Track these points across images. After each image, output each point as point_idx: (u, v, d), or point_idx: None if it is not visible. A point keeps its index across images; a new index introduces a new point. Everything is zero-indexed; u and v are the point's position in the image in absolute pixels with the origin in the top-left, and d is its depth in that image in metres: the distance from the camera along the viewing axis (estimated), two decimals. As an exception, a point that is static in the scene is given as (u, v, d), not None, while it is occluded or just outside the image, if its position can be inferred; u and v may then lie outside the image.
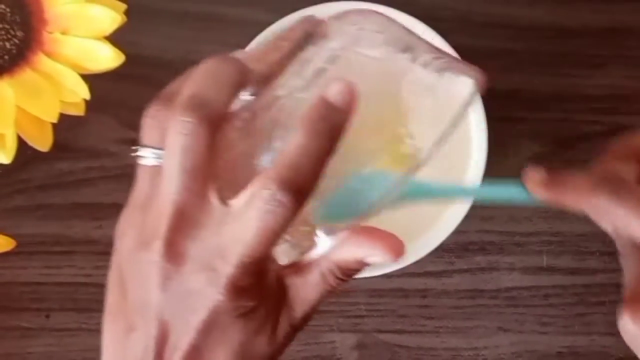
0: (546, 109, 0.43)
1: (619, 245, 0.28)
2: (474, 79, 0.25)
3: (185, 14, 0.43)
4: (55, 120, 0.38)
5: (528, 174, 0.28)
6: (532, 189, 0.28)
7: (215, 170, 0.24)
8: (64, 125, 0.38)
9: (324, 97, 0.24)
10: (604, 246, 0.42)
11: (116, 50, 0.38)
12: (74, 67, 0.38)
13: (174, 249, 0.24)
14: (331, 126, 0.24)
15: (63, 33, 0.38)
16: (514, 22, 0.43)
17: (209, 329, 0.24)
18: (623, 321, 0.26)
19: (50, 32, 0.38)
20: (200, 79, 0.25)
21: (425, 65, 0.25)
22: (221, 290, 0.24)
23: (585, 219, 0.42)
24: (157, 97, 0.26)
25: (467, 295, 0.43)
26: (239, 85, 0.25)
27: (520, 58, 0.43)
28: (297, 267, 0.26)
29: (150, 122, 0.25)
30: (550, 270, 0.42)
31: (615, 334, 0.41)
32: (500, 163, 0.42)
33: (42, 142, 0.39)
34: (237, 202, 0.24)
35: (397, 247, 0.26)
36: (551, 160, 0.43)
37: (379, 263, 0.26)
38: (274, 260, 0.25)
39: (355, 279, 0.41)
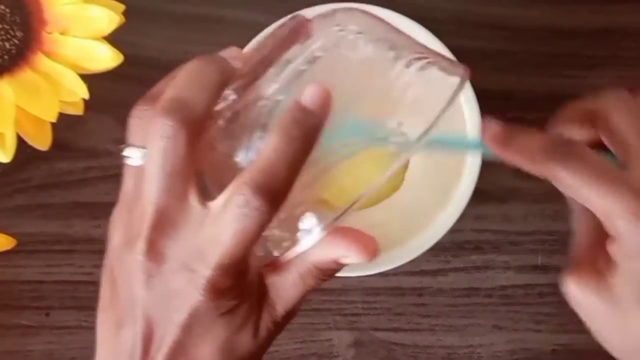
0: (542, 109, 0.43)
1: (571, 207, 0.28)
2: (459, 76, 0.25)
3: (183, 15, 0.43)
4: (54, 120, 0.38)
5: (485, 125, 0.28)
6: (487, 141, 0.27)
7: (196, 171, 0.25)
8: (64, 124, 0.38)
9: (298, 102, 0.24)
10: (598, 245, 0.43)
11: (115, 50, 0.38)
12: (73, 67, 0.38)
13: (155, 249, 0.24)
14: (305, 130, 0.24)
15: (62, 33, 0.38)
16: (510, 23, 0.43)
17: (191, 326, 0.25)
18: (567, 286, 0.27)
19: (50, 33, 0.39)
20: (182, 81, 0.25)
21: (408, 64, 0.25)
22: (201, 291, 0.24)
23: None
24: (143, 97, 0.26)
25: (463, 293, 0.43)
26: (221, 85, 0.25)
27: (516, 59, 0.43)
28: (277, 267, 0.27)
29: (136, 122, 0.26)
30: (544, 268, 0.43)
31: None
32: (496, 163, 0.42)
33: (42, 142, 0.39)
34: (216, 204, 0.24)
35: (371, 248, 0.26)
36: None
37: (354, 263, 0.26)
38: (254, 259, 0.26)
39: (351, 277, 0.41)
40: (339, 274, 0.39)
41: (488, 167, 0.39)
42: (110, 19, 0.38)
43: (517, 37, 0.43)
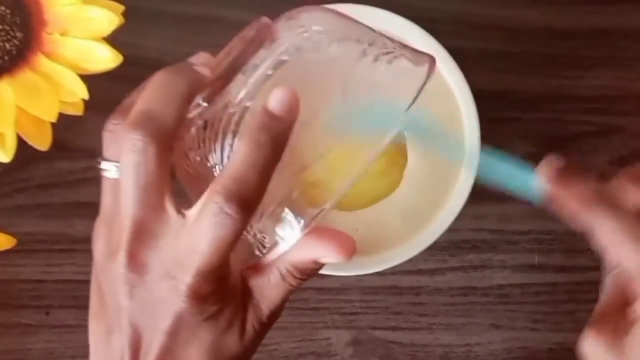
0: (538, 109, 0.44)
1: (604, 272, 0.28)
2: (426, 65, 0.25)
3: (182, 16, 0.43)
4: (54, 120, 0.38)
5: (549, 159, 0.27)
6: (545, 175, 0.27)
7: (169, 182, 0.25)
8: (63, 125, 0.38)
9: (265, 107, 0.24)
10: (594, 245, 0.43)
11: (114, 51, 0.38)
12: (72, 67, 0.38)
13: (135, 260, 0.25)
14: (272, 136, 0.24)
15: (62, 34, 0.39)
16: (507, 24, 0.43)
17: (177, 332, 0.25)
18: (585, 342, 0.26)
19: (50, 33, 0.39)
20: (150, 94, 0.25)
21: (375, 59, 0.25)
22: (183, 298, 0.24)
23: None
24: (115, 110, 0.26)
25: (460, 292, 0.43)
26: (189, 96, 0.26)
27: (513, 59, 0.43)
28: (259, 268, 0.27)
29: (109, 136, 0.26)
30: (541, 268, 0.43)
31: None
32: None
33: (42, 142, 0.39)
34: (192, 213, 0.24)
35: (348, 247, 0.26)
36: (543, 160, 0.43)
37: (332, 262, 0.26)
38: (236, 262, 0.26)
39: (349, 276, 0.42)
40: (337, 273, 0.40)
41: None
42: (109, 19, 0.38)
43: (515, 37, 0.43)
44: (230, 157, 0.24)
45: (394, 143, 0.40)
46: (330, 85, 0.25)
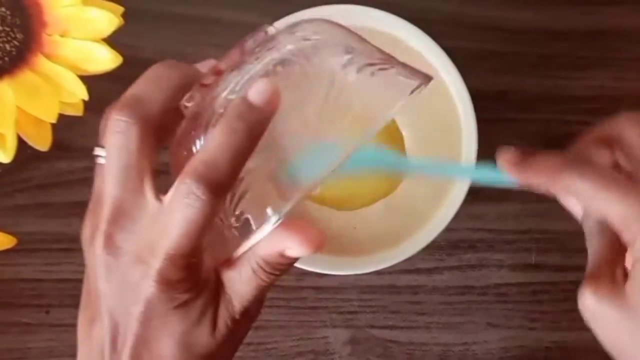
0: (535, 109, 0.44)
1: (586, 228, 0.28)
2: (418, 82, 0.26)
3: (181, 17, 0.43)
4: (54, 121, 0.38)
5: (501, 152, 0.28)
6: (505, 168, 0.28)
7: (152, 167, 0.25)
8: (63, 125, 0.39)
9: (244, 96, 0.24)
10: (591, 244, 0.43)
11: (114, 52, 0.38)
12: (72, 68, 0.38)
13: (111, 242, 0.25)
14: (247, 123, 0.24)
15: (62, 35, 0.39)
16: (504, 25, 0.44)
17: (148, 319, 0.25)
18: (584, 297, 0.26)
19: (50, 35, 0.39)
20: (142, 81, 0.26)
21: (359, 69, 0.25)
22: (152, 283, 0.25)
23: (573, 218, 0.43)
24: (119, 97, 0.26)
25: (457, 291, 0.43)
26: (181, 88, 0.26)
27: (510, 60, 0.43)
28: (231, 262, 0.27)
29: (104, 123, 0.26)
30: (538, 267, 0.43)
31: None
32: (490, 162, 0.43)
33: (42, 142, 0.39)
34: (166, 197, 0.25)
35: (315, 239, 0.26)
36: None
37: (300, 255, 0.26)
38: (209, 255, 0.26)
39: (347, 276, 0.42)
40: (335, 273, 0.40)
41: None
42: (109, 21, 0.38)
43: (512, 38, 0.44)
44: (204, 142, 0.25)
45: (393, 144, 0.41)
46: (315, 87, 0.26)
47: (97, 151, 0.26)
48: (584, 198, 0.27)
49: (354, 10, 0.39)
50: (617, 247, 0.27)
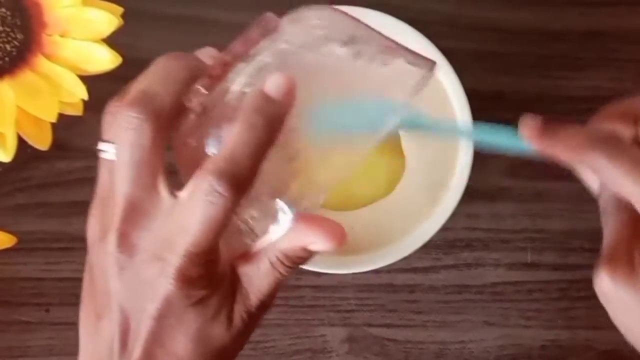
0: (532, 110, 0.43)
1: (602, 202, 0.28)
2: (426, 68, 0.26)
3: (180, 18, 0.43)
4: (54, 120, 0.38)
5: (525, 120, 0.27)
6: (527, 136, 0.27)
7: (164, 163, 0.25)
8: (63, 125, 0.39)
9: (261, 90, 0.24)
10: (586, 243, 0.43)
11: (113, 52, 0.38)
12: (72, 68, 0.39)
13: (126, 240, 0.25)
14: (266, 118, 0.24)
15: (62, 35, 0.39)
16: (501, 26, 0.44)
17: (164, 316, 0.25)
18: (600, 279, 0.26)
19: (50, 35, 0.39)
20: (149, 76, 0.26)
21: (370, 59, 0.25)
22: (170, 281, 0.24)
23: (568, 217, 0.43)
24: (119, 94, 0.26)
25: (454, 290, 0.43)
26: (189, 80, 0.26)
27: (507, 60, 0.44)
28: (248, 257, 0.26)
29: (109, 118, 0.26)
30: (534, 266, 0.43)
31: (598, 327, 0.43)
32: (486, 162, 0.43)
33: (42, 142, 0.39)
34: (183, 194, 0.24)
35: (338, 234, 0.26)
36: (536, 159, 0.44)
37: (323, 250, 0.26)
38: (226, 249, 0.26)
39: (345, 274, 0.42)
40: (333, 271, 0.40)
41: (478, 166, 0.39)
42: (108, 21, 0.38)
43: (509, 39, 0.44)
44: (224, 139, 0.24)
45: (392, 146, 0.41)
46: (327, 79, 0.25)
47: (102, 146, 0.26)
48: (609, 179, 0.26)
49: (351, 11, 0.39)
50: (636, 228, 0.26)
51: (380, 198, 0.41)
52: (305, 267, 0.40)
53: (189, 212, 0.24)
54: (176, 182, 0.26)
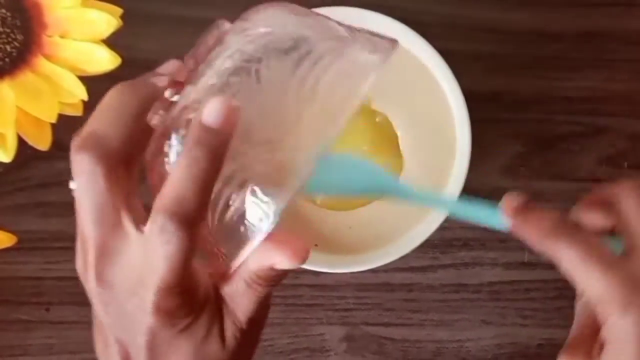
0: (528, 110, 0.44)
1: (576, 307, 0.29)
2: (382, 53, 0.25)
3: (180, 19, 0.44)
4: (54, 121, 0.38)
5: (508, 197, 0.28)
6: (505, 213, 0.28)
7: (125, 199, 0.25)
8: (63, 125, 0.39)
9: (199, 120, 0.24)
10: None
11: (113, 53, 0.39)
12: (72, 69, 0.39)
13: (103, 277, 0.25)
14: (208, 149, 0.23)
15: (62, 36, 0.39)
16: (498, 27, 0.44)
17: (155, 346, 0.25)
18: None
19: (50, 36, 0.39)
20: (98, 114, 0.26)
21: (317, 60, 0.24)
22: (150, 315, 0.24)
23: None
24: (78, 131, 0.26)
25: (452, 289, 0.43)
26: (141, 111, 0.25)
27: (504, 61, 0.44)
28: (227, 277, 0.26)
29: (71, 158, 0.26)
30: (531, 265, 0.43)
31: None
32: (484, 162, 0.43)
33: (42, 142, 0.39)
34: (147, 229, 0.24)
35: (300, 253, 0.26)
36: (532, 159, 0.44)
37: (289, 268, 0.26)
38: (204, 272, 0.26)
39: (343, 274, 0.42)
40: (331, 271, 0.40)
41: (475, 167, 0.40)
42: (108, 22, 0.38)
43: (506, 40, 0.44)
44: (170, 173, 0.24)
45: (390, 146, 0.41)
46: (268, 94, 0.25)
47: (72, 185, 0.26)
48: (566, 267, 0.26)
49: (348, 12, 0.39)
50: (596, 326, 0.27)
51: (377, 198, 0.41)
52: (303, 266, 0.40)
53: (151, 250, 0.24)
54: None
